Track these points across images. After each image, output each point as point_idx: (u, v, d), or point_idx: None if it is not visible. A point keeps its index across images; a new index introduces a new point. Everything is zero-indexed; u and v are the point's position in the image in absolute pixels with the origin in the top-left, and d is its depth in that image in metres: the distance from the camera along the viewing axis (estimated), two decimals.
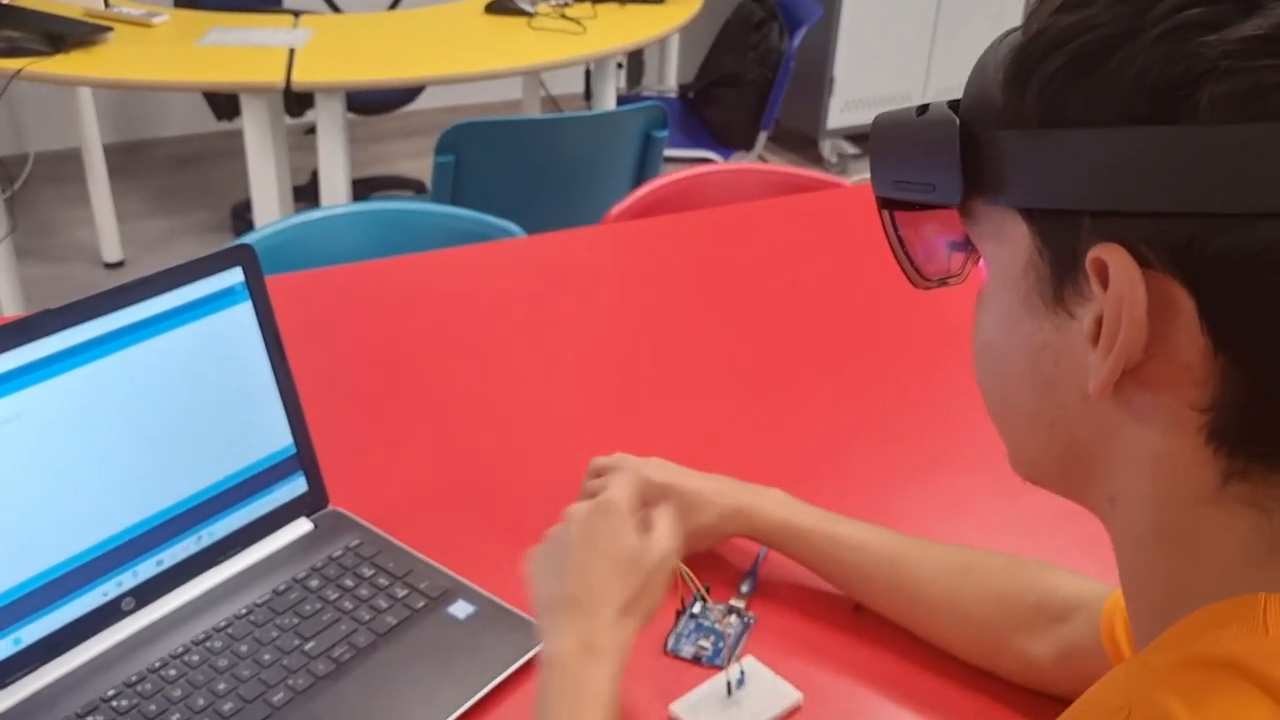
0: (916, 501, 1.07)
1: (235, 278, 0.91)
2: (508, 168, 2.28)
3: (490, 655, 0.84)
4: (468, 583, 0.91)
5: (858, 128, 4.25)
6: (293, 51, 2.38)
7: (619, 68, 3.80)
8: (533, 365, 1.27)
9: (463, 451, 1.11)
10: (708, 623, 0.88)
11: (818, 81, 4.09)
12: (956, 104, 0.49)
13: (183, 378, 0.89)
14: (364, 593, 0.90)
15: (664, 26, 2.79)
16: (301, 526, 0.96)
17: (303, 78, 2.27)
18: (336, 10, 3.67)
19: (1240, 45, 0.38)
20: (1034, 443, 0.51)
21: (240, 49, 2.41)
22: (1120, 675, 0.45)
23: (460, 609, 0.89)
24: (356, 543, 0.95)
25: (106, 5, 2.53)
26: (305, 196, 3.41)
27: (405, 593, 0.90)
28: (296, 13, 2.85)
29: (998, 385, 0.52)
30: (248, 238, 1.53)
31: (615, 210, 1.72)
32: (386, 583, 0.91)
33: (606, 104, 2.89)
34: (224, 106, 3.39)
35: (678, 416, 1.19)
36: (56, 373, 0.81)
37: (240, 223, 3.52)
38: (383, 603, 0.89)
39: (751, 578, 0.93)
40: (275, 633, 0.86)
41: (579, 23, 2.64)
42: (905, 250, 0.57)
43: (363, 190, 3.62)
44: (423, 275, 1.46)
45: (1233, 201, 0.38)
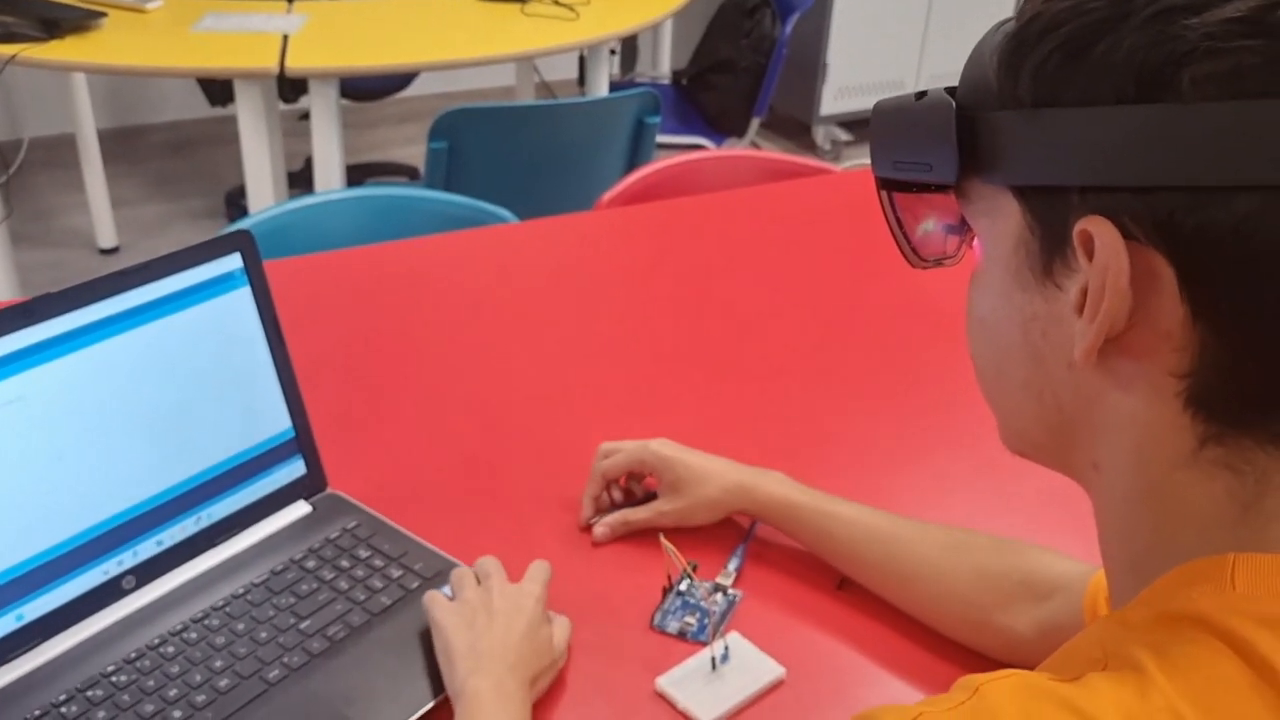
0: (908, 482, 1.08)
1: (234, 263, 0.93)
2: (501, 154, 2.29)
3: None
4: (461, 564, 0.92)
5: (851, 114, 4.26)
6: (286, 37, 2.39)
7: (612, 54, 3.80)
8: (525, 350, 1.29)
9: (456, 434, 1.13)
10: (694, 600, 0.90)
11: (811, 68, 4.10)
12: (953, 90, 0.51)
13: (182, 362, 0.90)
14: (359, 573, 0.91)
15: (657, 12, 2.79)
16: (300, 509, 0.98)
17: (297, 63, 2.27)
18: None
19: (1221, 27, 0.40)
20: (1025, 413, 0.53)
21: (234, 34, 2.41)
22: (1097, 630, 0.48)
23: None
24: (353, 524, 0.96)
25: None
26: (299, 182, 3.42)
27: (400, 573, 0.91)
28: None
29: (991, 357, 0.55)
30: (242, 223, 1.54)
31: (607, 196, 1.73)
32: (382, 564, 0.92)
33: (600, 90, 2.89)
34: (218, 92, 3.39)
35: (669, 400, 1.20)
36: (58, 355, 0.83)
37: (234, 209, 3.53)
38: (378, 583, 0.90)
39: (739, 555, 0.95)
40: (272, 612, 0.88)
41: (572, 9, 2.64)
42: (903, 231, 0.59)
43: (357, 176, 3.62)
44: (416, 261, 1.47)
45: (1212, 175, 0.41)
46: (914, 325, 1.36)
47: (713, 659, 0.83)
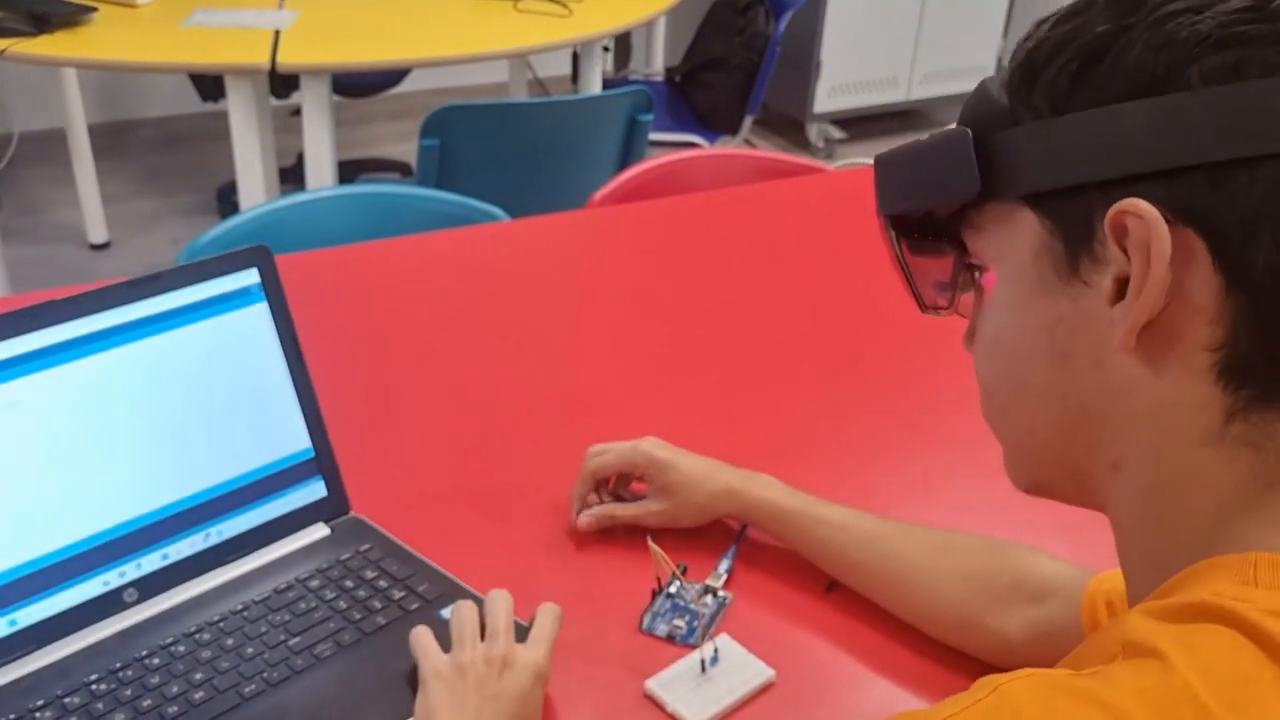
0: (902, 481, 1.08)
1: (251, 278, 0.92)
2: (492, 151, 2.28)
3: None
4: (466, 586, 0.91)
5: (845, 112, 4.26)
6: (278, 33, 2.38)
7: (605, 51, 3.79)
8: (515, 350, 1.28)
9: (446, 433, 1.13)
10: (683, 602, 0.90)
11: (805, 65, 4.09)
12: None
13: (193, 374, 0.89)
14: (361, 594, 0.89)
15: (650, 9, 2.78)
16: (318, 531, 0.96)
17: (288, 59, 2.26)
18: None
19: (1228, 17, 0.44)
20: (1043, 424, 0.55)
21: (225, 30, 2.40)
22: (1115, 626, 0.48)
23: None
24: (367, 547, 0.94)
25: None
26: (292, 178, 3.41)
27: (402, 595, 0.89)
28: None
29: (1008, 372, 0.56)
30: (233, 220, 1.53)
31: (599, 195, 1.72)
32: (386, 585, 0.90)
33: (592, 87, 2.89)
34: (209, 88, 3.37)
35: (662, 398, 1.20)
36: (63, 361, 0.82)
37: (226, 204, 3.51)
38: (377, 603, 0.89)
39: (730, 557, 0.95)
40: (264, 628, 0.86)
41: (565, 6, 2.64)
42: (910, 271, 0.61)
43: (349, 172, 3.61)
44: (406, 259, 1.47)
45: (1233, 149, 0.44)
46: (907, 326, 1.35)
47: (702, 661, 0.83)
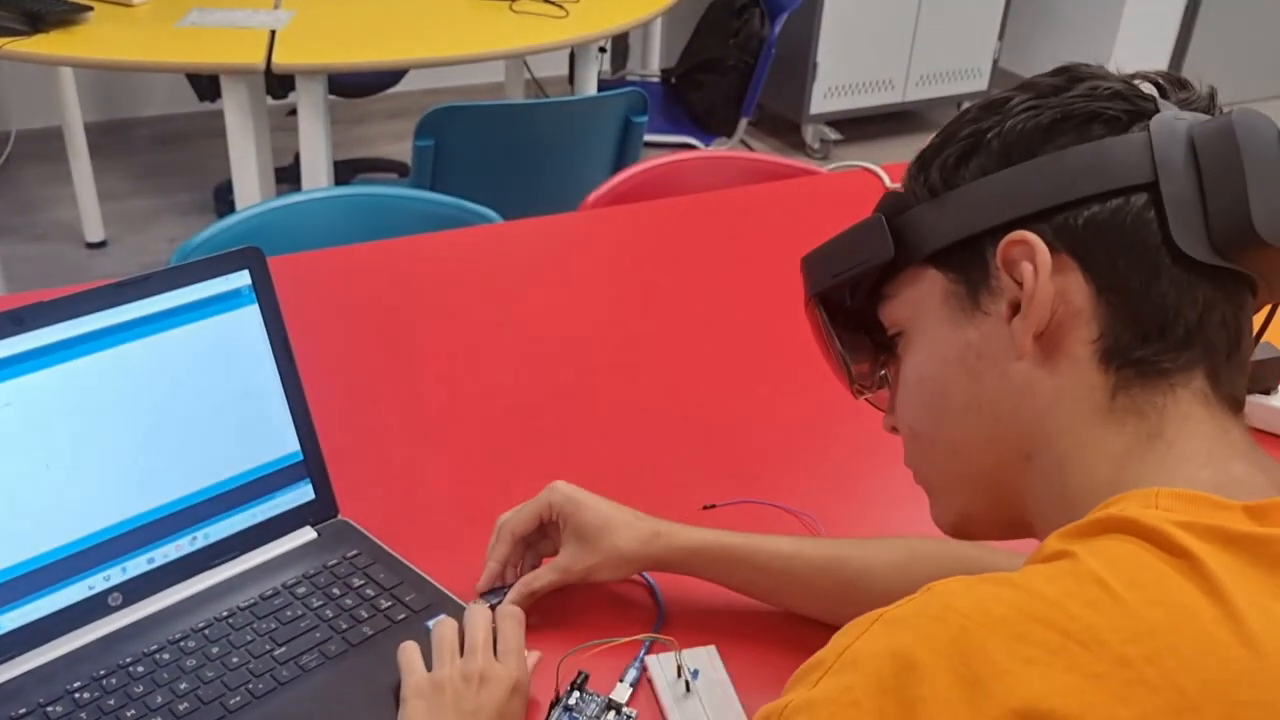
0: (896, 482, 1.09)
1: (242, 280, 0.91)
2: (487, 152, 2.28)
3: None
4: (452, 596, 0.90)
5: (840, 113, 4.26)
6: (274, 33, 2.38)
7: (602, 52, 3.79)
8: (507, 354, 1.29)
9: (440, 436, 1.13)
10: (582, 717, 0.81)
11: (801, 67, 4.10)
12: None
13: (182, 376, 0.88)
14: (348, 602, 0.89)
15: (646, 11, 2.79)
16: (304, 535, 0.96)
17: (283, 60, 2.26)
18: None
19: (1068, 101, 0.60)
20: (966, 441, 0.65)
21: (220, 30, 2.40)
22: (1035, 554, 0.55)
23: None
24: (354, 553, 0.94)
25: None
26: (289, 177, 3.41)
27: (389, 604, 0.89)
28: None
29: (933, 399, 0.66)
30: (226, 221, 1.54)
31: (592, 197, 1.73)
32: (373, 594, 0.90)
33: (588, 88, 2.89)
34: (206, 88, 3.37)
35: (656, 402, 1.20)
36: (53, 363, 0.82)
37: (223, 203, 3.51)
38: (364, 613, 0.88)
39: (637, 667, 0.85)
40: (250, 637, 0.85)
41: (561, 7, 2.64)
42: (839, 346, 0.72)
43: (345, 172, 3.61)
44: (397, 261, 1.47)
45: (1078, 191, 0.58)
46: None
47: None
